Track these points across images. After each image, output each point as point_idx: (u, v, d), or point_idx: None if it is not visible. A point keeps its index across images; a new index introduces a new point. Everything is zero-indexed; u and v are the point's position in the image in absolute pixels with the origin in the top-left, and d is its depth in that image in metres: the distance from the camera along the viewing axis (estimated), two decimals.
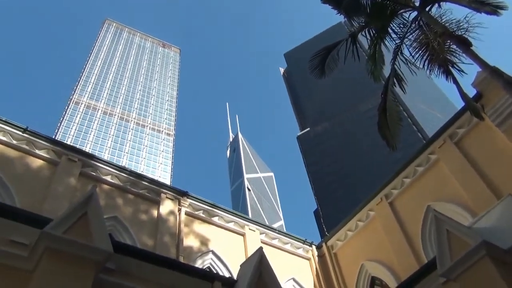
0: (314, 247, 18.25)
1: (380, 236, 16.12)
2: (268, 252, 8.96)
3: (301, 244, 18.08)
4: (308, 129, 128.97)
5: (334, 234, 18.03)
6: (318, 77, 13.57)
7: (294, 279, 16.38)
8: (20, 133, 13.29)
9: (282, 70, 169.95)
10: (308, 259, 17.96)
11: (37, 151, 13.47)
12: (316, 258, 17.89)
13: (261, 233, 17.08)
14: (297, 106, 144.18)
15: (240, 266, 8.75)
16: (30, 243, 6.29)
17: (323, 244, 18.29)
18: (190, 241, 14.82)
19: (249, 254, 15.06)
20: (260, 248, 8.60)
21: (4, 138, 13.04)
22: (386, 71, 13.49)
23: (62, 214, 6.50)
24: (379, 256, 15.91)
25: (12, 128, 13.23)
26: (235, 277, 12.07)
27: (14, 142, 13.14)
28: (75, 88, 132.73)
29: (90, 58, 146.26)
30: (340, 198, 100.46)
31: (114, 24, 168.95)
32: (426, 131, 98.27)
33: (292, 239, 17.99)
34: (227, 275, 13.89)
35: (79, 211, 6.61)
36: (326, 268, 17.54)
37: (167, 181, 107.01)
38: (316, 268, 17.59)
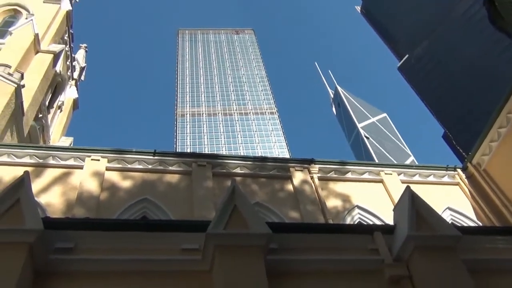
0: (459, 170, 17.16)
1: None
2: (413, 189, 8.63)
3: (444, 171, 17.14)
4: (407, 56, 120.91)
5: (477, 150, 16.73)
6: None
7: (449, 208, 15.64)
8: (151, 157, 14.56)
9: (358, 8, 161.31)
10: (457, 184, 16.98)
11: (170, 168, 14.65)
12: (466, 181, 16.81)
13: (398, 174, 16.55)
14: (386, 37, 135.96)
15: (393, 211, 8.56)
16: (200, 247, 6.87)
17: (468, 164, 17.11)
18: (332, 203, 14.94)
19: (394, 198, 14.77)
20: (408, 187, 8.34)
21: (140, 166, 14.41)
22: None
23: (216, 213, 6.98)
24: None
25: (143, 155, 14.56)
26: (388, 223, 11.93)
27: (150, 166, 14.45)
28: (175, 102, 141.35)
29: (178, 70, 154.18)
30: (466, 112, 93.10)
31: (187, 31, 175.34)
32: None
33: (433, 169, 17.13)
34: (380, 224, 13.76)
35: (229, 206, 7.03)
36: (480, 187, 16.41)
37: (287, 156, 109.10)
38: (468, 190, 16.56)
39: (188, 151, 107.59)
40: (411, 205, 7.76)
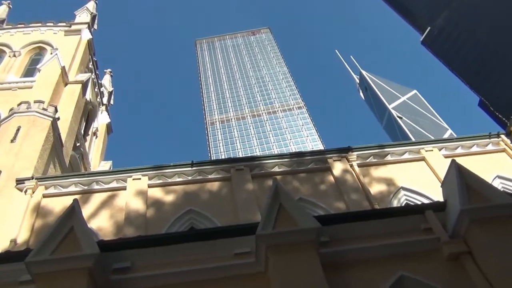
0: (502, 136, 16.53)
1: None
2: (458, 162, 8.36)
3: (487, 139, 16.55)
4: (429, 28, 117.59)
5: None
6: None
7: (499, 176, 15.08)
8: (189, 168, 14.76)
9: None
10: (502, 150, 16.37)
11: (209, 176, 14.81)
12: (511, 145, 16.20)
13: (440, 149, 16.11)
14: (404, 12, 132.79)
15: (442, 187, 8.34)
16: (252, 249, 6.90)
17: (511, 129, 16.49)
18: (376, 188, 14.69)
19: (439, 174, 14.37)
20: (453, 161, 8.12)
21: (180, 179, 14.63)
22: None
23: (263, 214, 7.00)
24: None
25: (182, 167, 14.78)
26: (437, 200, 11.60)
27: (189, 178, 14.65)
28: (203, 111, 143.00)
29: (201, 80, 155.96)
30: (500, 76, 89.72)
31: (204, 40, 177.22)
32: None
33: (475, 139, 16.57)
34: (429, 202, 13.42)
35: (275, 205, 7.03)
36: None
37: (321, 148, 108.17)
38: None
39: (223, 157, 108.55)
40: (459, 179, 7.53)
